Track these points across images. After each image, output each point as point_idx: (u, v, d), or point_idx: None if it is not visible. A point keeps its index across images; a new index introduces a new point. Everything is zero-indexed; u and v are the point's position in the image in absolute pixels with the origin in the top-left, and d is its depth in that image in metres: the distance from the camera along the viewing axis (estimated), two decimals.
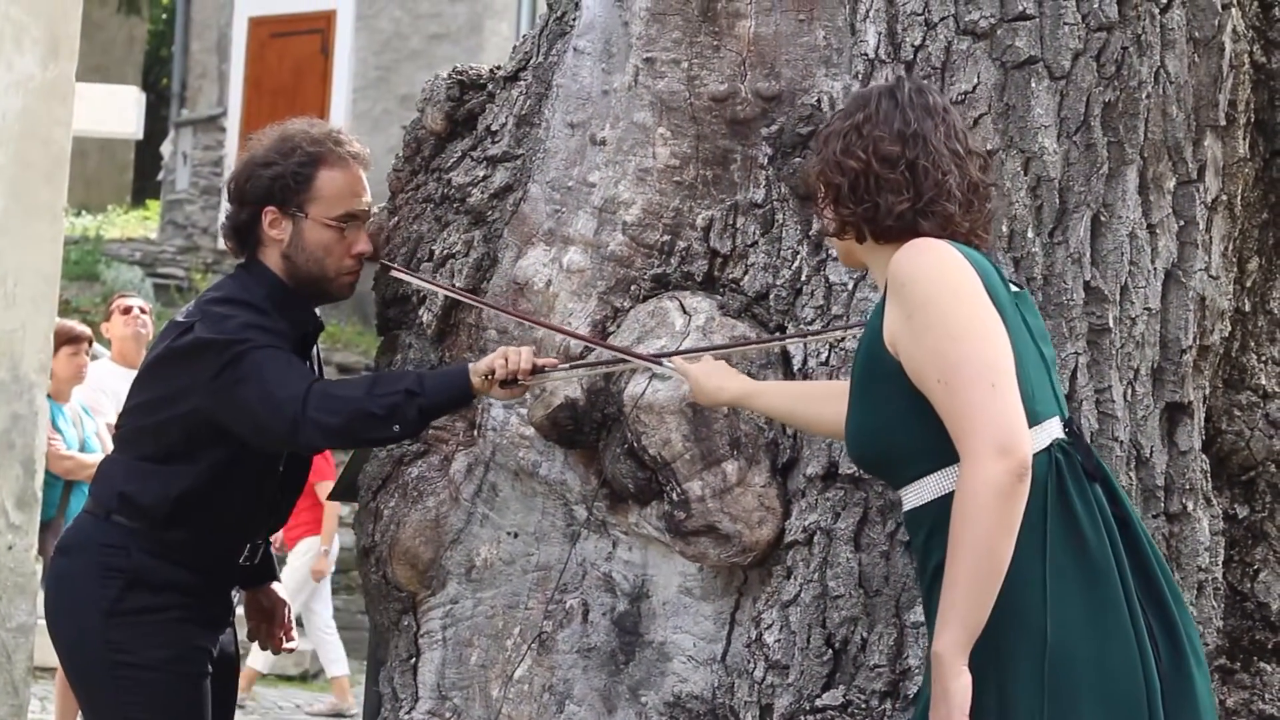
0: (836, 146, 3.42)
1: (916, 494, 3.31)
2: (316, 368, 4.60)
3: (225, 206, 4.62)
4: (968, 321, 3.19)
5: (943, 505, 3.23)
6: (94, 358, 9.43)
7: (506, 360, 4.03)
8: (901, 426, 3.28)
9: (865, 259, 3.47)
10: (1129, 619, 3.18)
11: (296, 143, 4.45)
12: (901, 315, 3.25)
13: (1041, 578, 3.16)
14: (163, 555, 4.38)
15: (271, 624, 4.79)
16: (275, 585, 4.81)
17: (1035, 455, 3.18)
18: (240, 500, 4.41)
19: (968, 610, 3.10)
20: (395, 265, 4.37)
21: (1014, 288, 3.42)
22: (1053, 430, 3.27)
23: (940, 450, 3.23)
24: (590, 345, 4.11)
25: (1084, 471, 3.26)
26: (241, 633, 4.75)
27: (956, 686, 3.11)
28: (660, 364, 3.93)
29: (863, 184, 3.38)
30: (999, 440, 3.10)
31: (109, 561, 4.38)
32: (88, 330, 9.29)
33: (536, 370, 4.04)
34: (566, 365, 4.11)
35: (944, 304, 3.21)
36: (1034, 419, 3.23)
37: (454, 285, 4.31)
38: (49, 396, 8.30)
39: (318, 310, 4.58)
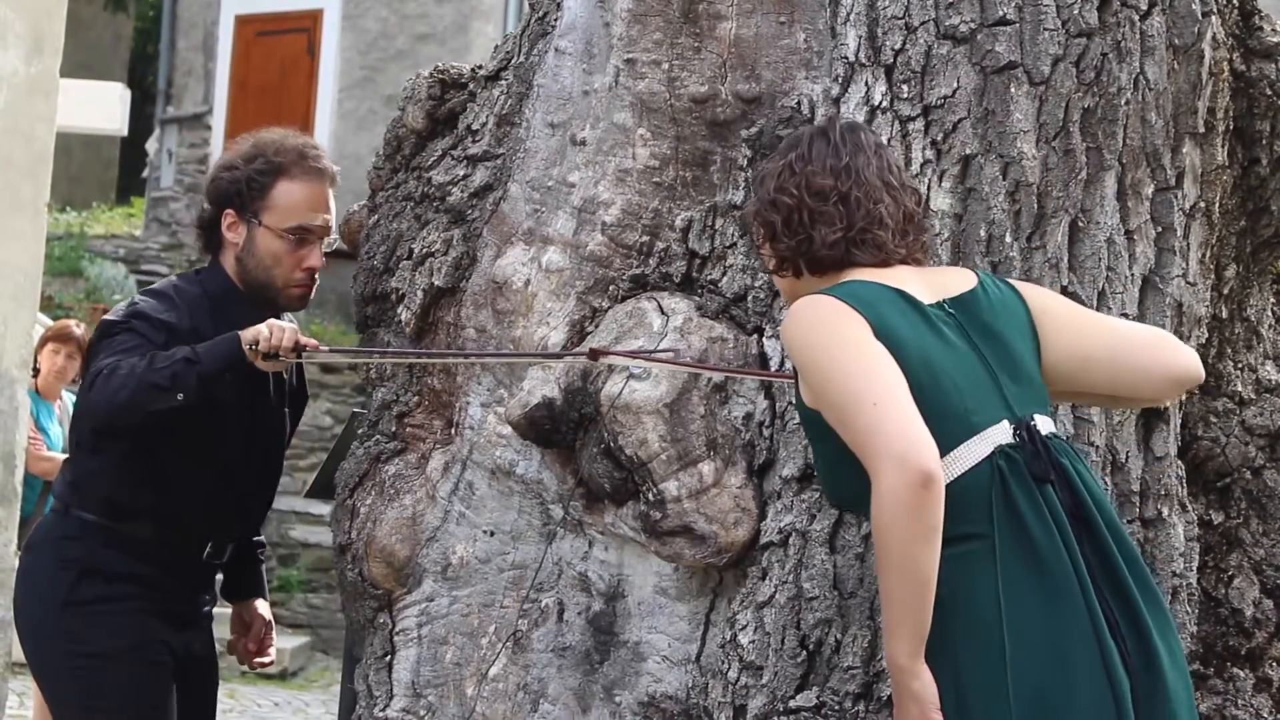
0: (771, 185, 3.49)
1: None
2: (286, 379, 4.61)
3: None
4: (842, 361, 3.22)
5: None
6: None
7: (270, 334, 4.14)
8: (846, 466, 3.27)
9: (804, 294, 3.45)
10: (1089, 620, 3.17)
11: (263, 150, 4.51)
12: (801, 375, 3.33)
13: (995, 588, 3.16)
14: (119, 547, 4.39)
15: (246, 638, 4.80)
16: (259, 602, 4.82)
17: (976, 465, 3.21)
18: (182, 493, 4.42)
19: (906, 619, 3.12)
20: (608, 350, 4.21)
21: (959, 294, 3.41)
22: (995, 437, 3.26)
23: None
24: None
25: (1031, 475, 3.25)
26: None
27: (919, 686, 3.13)
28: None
29: (796, 219, 3.43)
30: (894, 453, 3.10)
31: (64, 553, 4.41)
32: (78, 329, 9.27)
33: (300, 348, 4.18)
34: (327, 349, 4.45)
35: (823, 355, 3.25)
36: (969, 430, 3.24)
37: (675, 357, 4.08)
38: (37, 394, 8.28)
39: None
